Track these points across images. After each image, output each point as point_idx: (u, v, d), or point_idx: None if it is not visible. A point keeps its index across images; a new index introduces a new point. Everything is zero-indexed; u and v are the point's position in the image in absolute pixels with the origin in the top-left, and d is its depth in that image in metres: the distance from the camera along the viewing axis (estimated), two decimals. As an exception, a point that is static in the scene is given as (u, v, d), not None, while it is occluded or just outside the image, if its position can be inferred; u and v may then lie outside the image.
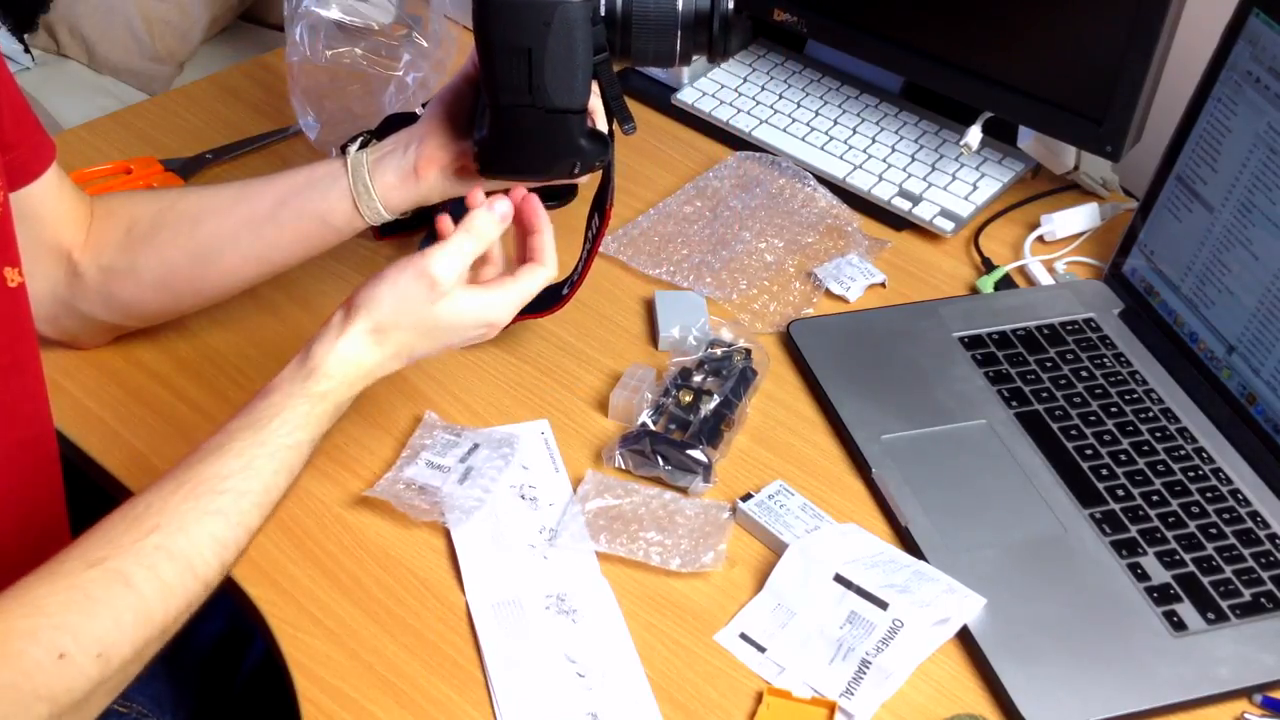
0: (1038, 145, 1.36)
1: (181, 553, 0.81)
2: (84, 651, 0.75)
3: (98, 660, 0.76)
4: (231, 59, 1.90)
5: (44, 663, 0.74)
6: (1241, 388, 1.12)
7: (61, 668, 0.75)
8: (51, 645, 0.75)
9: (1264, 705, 0.94)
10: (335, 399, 0.91)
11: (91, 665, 0.76)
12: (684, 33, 0.98)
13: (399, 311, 0.92)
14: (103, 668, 0.76)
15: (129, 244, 1.05)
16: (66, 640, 0.75)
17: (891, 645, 0.94)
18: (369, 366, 0.93)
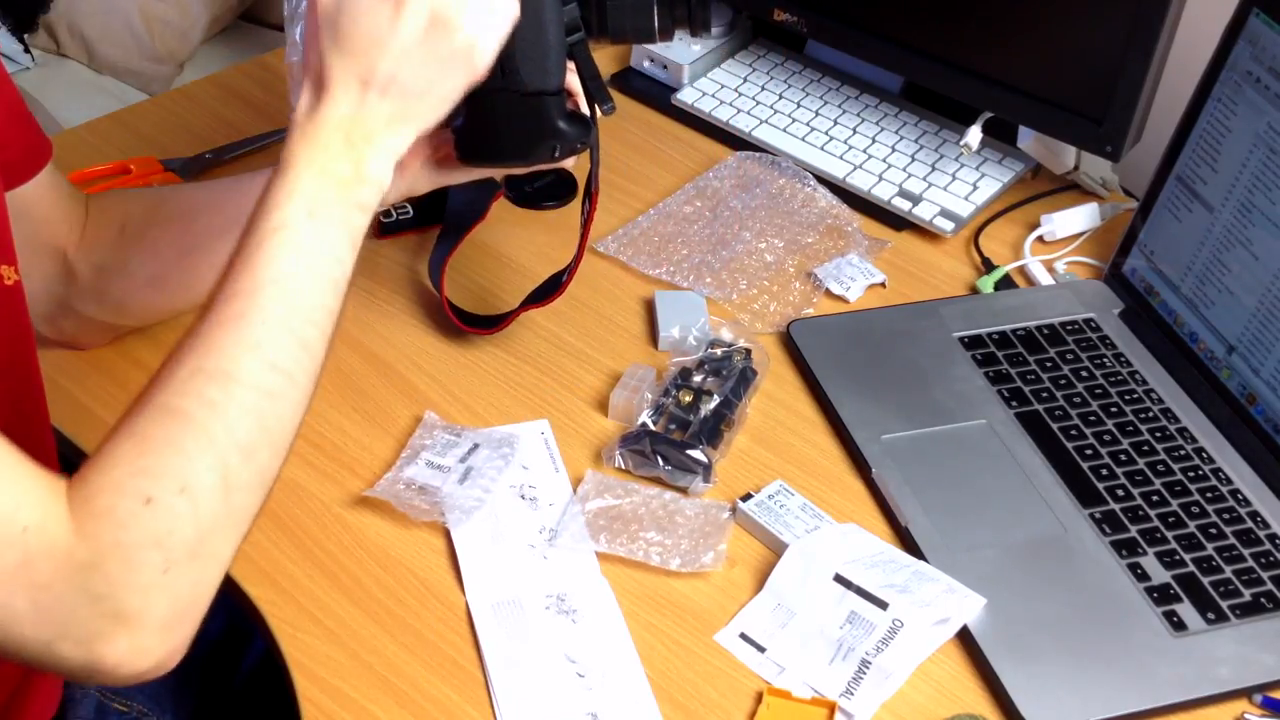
0: (1038, 145, 1.36)
1: (218, 369, 0.78)
2: (166, 490, 0.74)
3: (183, 496, 0.75)
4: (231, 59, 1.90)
5: (136, 511, 0.73)
6: (1241, 388, 1.12)
7: (154, 511, 0.74)
8: (135, 493, 0.74)
9: (1264, 705, 0.94)
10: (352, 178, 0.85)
11: (179, 502, 0.75)
12: (661, 7, 0.97)
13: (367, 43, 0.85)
14: (191, 503, 0.75)
15: (122, 242, 1.05)
16: (146, 484, 0.74)
17: (891, 645, 0.94)
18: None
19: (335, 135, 0.85)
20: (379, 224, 1.26)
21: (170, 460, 0.76)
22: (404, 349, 1.17)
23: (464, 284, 1.23)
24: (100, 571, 0.73)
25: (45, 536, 0.72)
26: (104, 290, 1.06)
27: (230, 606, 1.01)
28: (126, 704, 1.06)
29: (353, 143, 0.85)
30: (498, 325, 1.15)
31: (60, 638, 0.73)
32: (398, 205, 1.25)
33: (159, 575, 0.74)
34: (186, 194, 1.08)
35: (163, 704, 1.09)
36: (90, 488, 0.75)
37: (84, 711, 1.04)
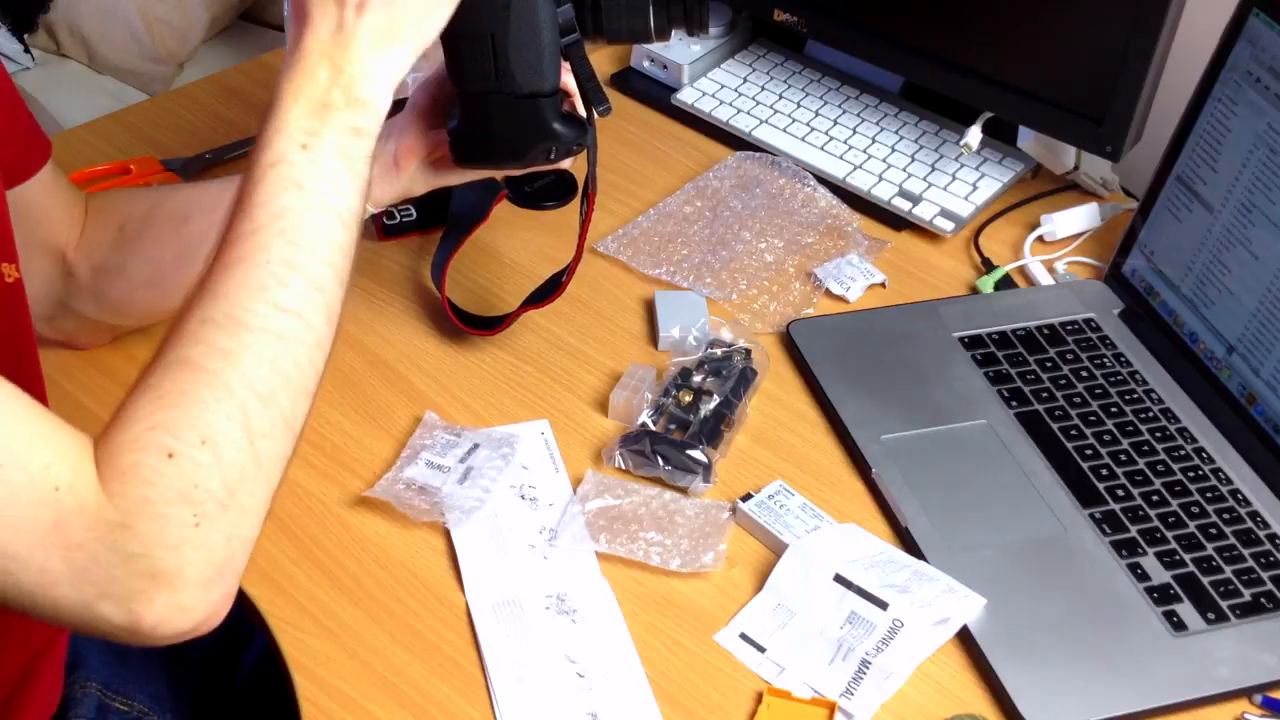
0: (1038, 145, 1.36)
1: (225, 316, 0.76)
2: (188, 443, 0.73)
3: (205, 447, 0.73)
4: (231, 59, 1.90)
5: (159, 466, 0.72)
6: (1241, 388, 1.12)
7: (177, 465, 0.72)
8: (157, 447, 0.73)
9: (1264, 705, 0.94)
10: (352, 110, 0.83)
11: (202, 453, 0.73)
12: (656, 7, 0.96)
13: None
14: (214, 453, 0.74)
15: (121, 243, 1.05)
16: (166, 438, 0.73)
17: (891, 645, 0.94)
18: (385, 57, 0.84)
19: (319, 62, 0.82)
20: (382, 225, 1.26)
21: (188, 412, 0.74)
22: (404, 349, 1.17)
23: (465, 285, 1.23)
24: (131, 530, 0.71)
25: (77, 496, 0.71)
26: (102, 290, 1.06)
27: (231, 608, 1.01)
28: (127, 703, 1.06)
29: (338, 66, 0.82)
30: (498, 327, 1.15)
31: (99, 598, 0.71)
32: (400, 207, 1.25)
33: (190, 530, 0.72)
34: (184, 194, 1.08)
35: (163, 703, 1.09)
36: (113, 445, 0.73)
37: (84, 710, 1.04)
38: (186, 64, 2.03)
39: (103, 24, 1.96)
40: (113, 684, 1.06)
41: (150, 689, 1.09)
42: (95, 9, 1.95)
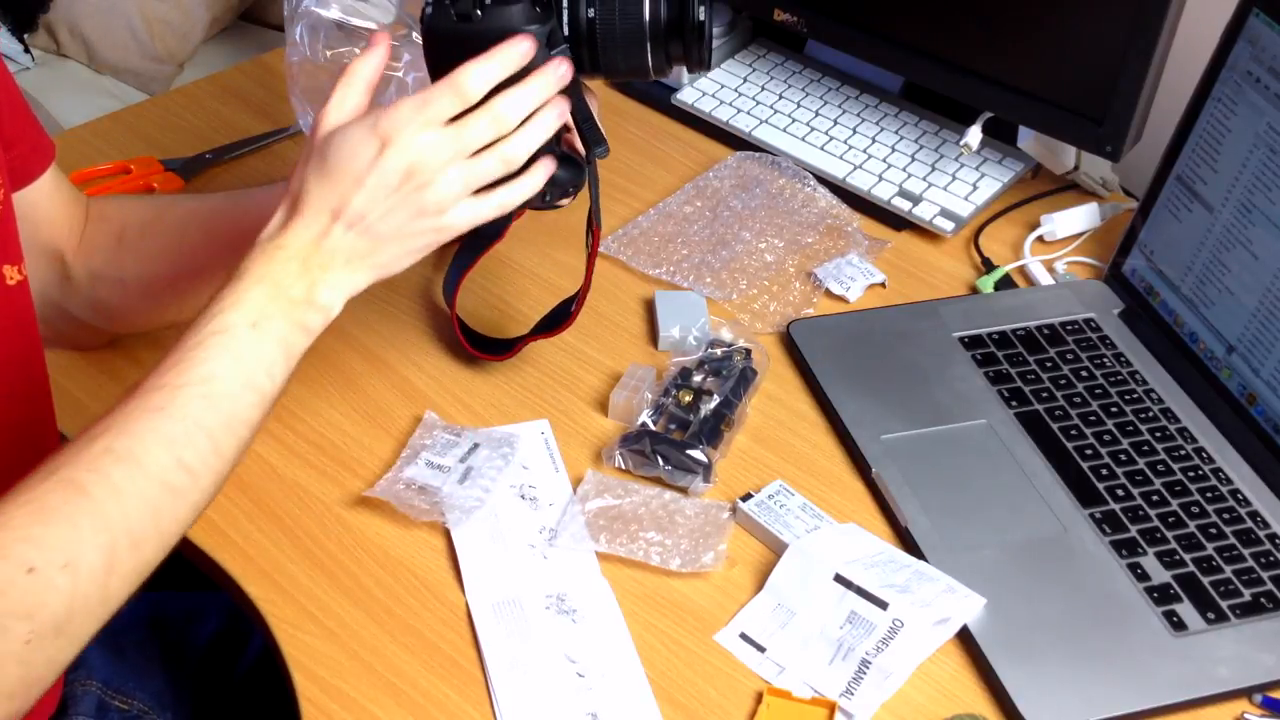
0: (1038, 145, 1.36)
1: (128, 453, 0.78)
2: (50, 563, 0.74)
3: (65, 571, 0.74)
4: (231, 59, 1.90)
5: (15, 579, 0.73)
6: (1241, 388, 1.12)
7: (32, 582, 0.73)
8: (19, 559, 0.73)
9: (1264, 705, 0.94)
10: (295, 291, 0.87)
11: (60, 576, 0.74)
12: (654, 44, 0.95)
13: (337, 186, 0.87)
14: (72, 579, 0.75)
15: (119, 251, 1.05)
16: (32, 553, 0.74)
17: (891, 645, 0.94)
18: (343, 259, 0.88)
19: (294, 258, 0.87)
20: None
21: (61, 532, 0.75)
22: (404, 349, 1.17)
23: (473, 300, 1.22)
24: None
25: None
26: (99, 297, 1.06)
27: (229, 606, 1.01)
28: (127, 701, 1.07)
29: (309, 268, 0.87)
30: (506, 353, 1.14)
31: None
32: None
33: (20, 645, 0.73)
34: (183, 207, 1.08)
35: (163, 701, 1.10)
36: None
37: (85, 708, 1.04)
38: (186, 64, 2.03)
39: (103, 24, 1.95)
40: (113, 682, 1.06)
41: (150, 687, 1.09)
42: (95, 9, 1.95)
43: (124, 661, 1.08)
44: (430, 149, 0.87)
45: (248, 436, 0.84)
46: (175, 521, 0.81)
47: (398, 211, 0.88)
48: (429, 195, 0.88)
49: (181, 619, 1.17)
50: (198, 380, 0.81)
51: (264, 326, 0.84)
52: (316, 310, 0.87)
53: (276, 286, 0.86)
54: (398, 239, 0.89)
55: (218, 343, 0.83)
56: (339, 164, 0.87)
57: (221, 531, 1.01)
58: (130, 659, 1.09)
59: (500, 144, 0.89)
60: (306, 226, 0.87)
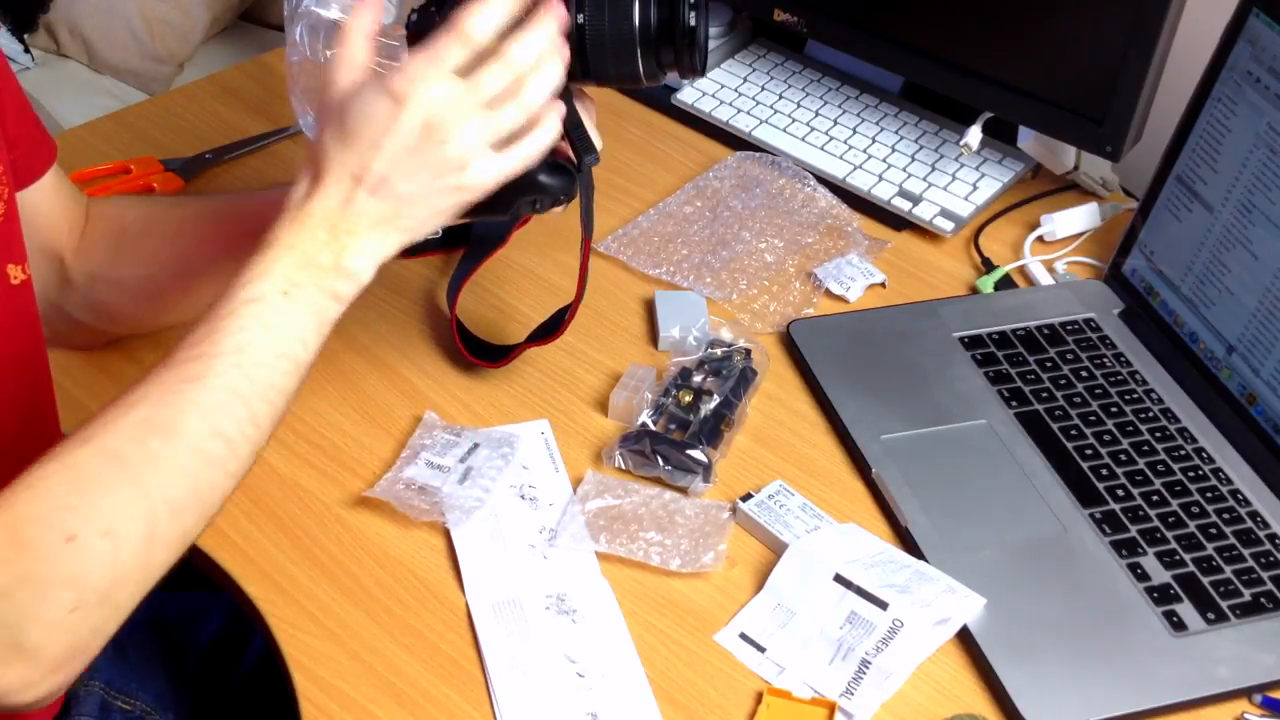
0: (1038, 145, 1.36)
1: (165, 422, 0.78)
2: (91, 531, 0.75)
3: (106, 539, 0.75)
4: (231, 59, 1.90)
5: (57, 546, 0.74)
6: (1241, 388, 1.12)
7: (73, 550, 0.74)
8: (60, 528, 0.74)
9: (1264, 705, 0.94)
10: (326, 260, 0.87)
11: (101, 544, 0.75)
12: (644, 50, 0.93)
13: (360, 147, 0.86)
14: (113, 547, 0.75)
15: (117, 253, 1.05)
16: (72, 521, 0.74)
17: (891, 645, 0.94)
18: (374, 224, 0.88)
19: (321, 225, 0.86)
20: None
21: (101, 501, 0.76)
22: (404, 349, 1.17)
23: (473, 300, 1.22)
24: (10, 600, 0.73)
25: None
26: (97, 298, 1.06)
27: (230, 606, 1.01)
28: (130, 702, 1.07)
29: (336, 234, 0.86)
30: (501, 360, 1.13)
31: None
32: None
33: (66, 614, 0.74)
34: (181, 209, 1.07)
35: (165, 702, 1.10)
36: (16, 515, 0.74)
37: (88, 709, 1.04)
38: (186, 64, 2.03)
39: (103, 24, 1.95)
40: (115, 683, 1.06)
41: (152, 688, 1.09)
42: (95, 9, 1.95)
43: (126, 662, 1.08)
44: (446, 102, 0.85)
45: (282, 405, 0.84)
46: (214, 489, 0.81)
47: (420, 171, 0.86)
48: (450, 150, 0.86)
49: (183, 620, 1.17)
50: (231, 349, 0.81)
51: (294, 294, 0.84)
52: (347, 277, 0.86)
53: (305, 254, 0.85)
54: (423, 199, 0.87)
55: (249, 311, 0.82)
56: (355, 127, 0.86)
57: (221, 532, 1.01)
58: (132, 660, 1.09)
59: (516, 90, 0.87)
60: (330, 193, 0.86)
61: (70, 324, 1.08)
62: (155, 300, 1.07)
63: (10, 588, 0.73)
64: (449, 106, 0.85)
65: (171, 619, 1.16)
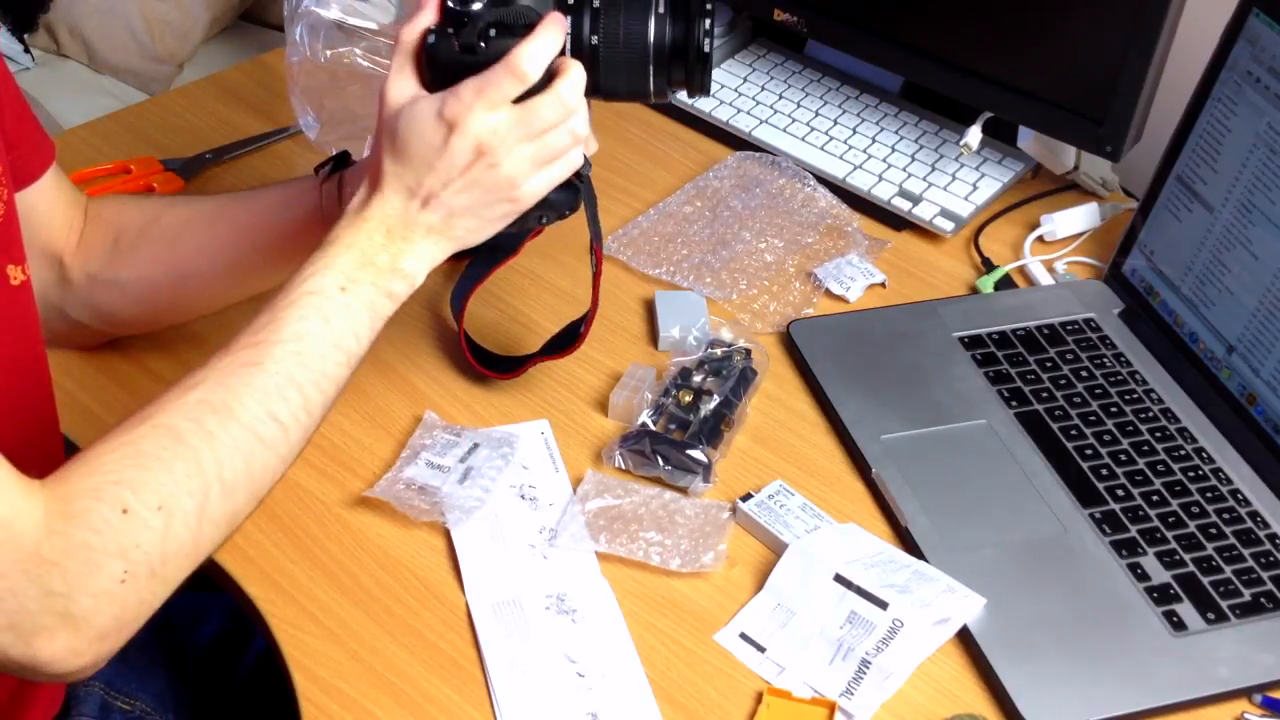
0: (1038, 145, 1.36)
1: (223, 404, 0.82)
2: (145, 505, 0.77)
3: (159, 513, 0.77)
4: (231, 59, 1.90)
5: (111, 519, 0.76)
6: (1241, 388, 1.12)
7: (127, 522, 0.76)
8: (115, 500, 0.76)
9: (1264, 705, 0.94)
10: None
11: (155, 518, 0.77)
12: (656, 68, 0.94)
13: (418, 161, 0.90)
14: (166, 521, 0.78)
15: (115, 254, 1.05)
16: (127, 495, 0.77)
17: (891, 645, 0.94)
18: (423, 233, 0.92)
19: (379, 229, 0.90)
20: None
21: (156, 476, 0.78)
22: (404, 349, 1.17)
23: (480, 305, 1.21)
24: (61, 569, 0.75)
25: (13, 529, 0.74)
26: (95, 300, 1.07)
27: (230, 606, 1.01)
28: (130, 702, 1.07)
29: (393, 239, 0.91)
30: (514, 372, 1.13)
31: (2, 627, 0.74)
32: None
33: (115, 584, 0.76)
34: (178, 210, 1.08)
35: (165, 702, 1.10)
36: (71, 488, 0.77)
37: (89, 709, 1.04)
38: (186, 64, 2.03)
39: (103, 24, 1.95)
40: (115, 683, 1.06)
41: (152, 688, 1.09)
42: (95, 9, 1.95)
43: (126, 662, 1.08)
44: (498, 131, 0.89)
45: (333, 394, 0.88)
46: (266, 471, 0.84)
47: (472, 190, 0.90)
48: (501, 173, 0.90)
49: (183, 620, 1.17)
50: (290, 338, 0.85)
51: (352, 291, 0.88)
52: (401, 278, 0.91)
53: (363, 254, 0.89)
54: (474, 213, 0.92)
55: (310, 303, 0.87)
56: (409, 146, 0.90)
57: (221, 531, 1.01)
58: (132, 660, 1.09)
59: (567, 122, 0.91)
60: (387, 201, 0.91)
61: (69, 325, 1.08)
62: (152, 302, 1.07)
63: (62, 557, 0.75)
64: (500, 135, 0.89)
65: (171, 619, 1.16)
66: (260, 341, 0.85)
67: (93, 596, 0.76)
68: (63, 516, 0.75)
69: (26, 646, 0.75)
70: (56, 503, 0.76)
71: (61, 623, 0.75)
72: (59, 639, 0.75)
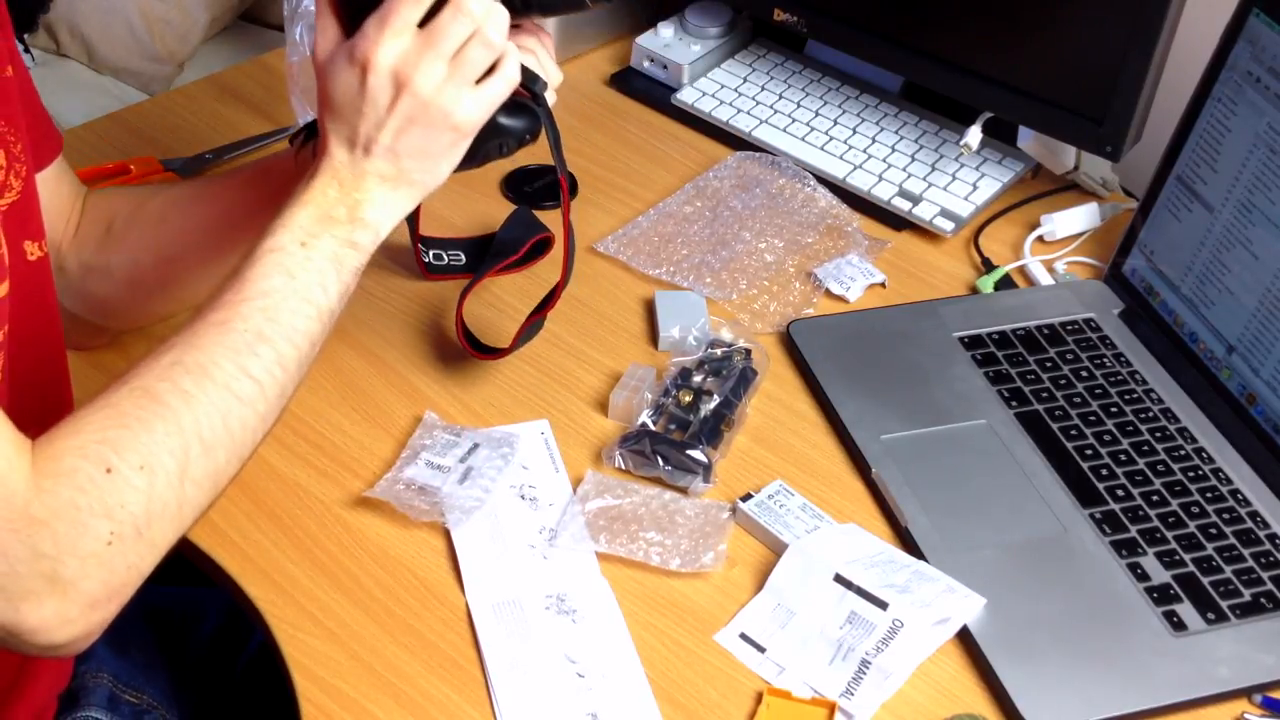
0: (1038, 145, 1.36)
1: (196, 364, 0.82)
2: (128, 464, 0.78)
3: (142, 472, 0.78)
4: (231, 59, 1.90)
5: (96, 477, 0.77)
6: (1241, 388, 1.12)
7: (111, 481, 0.77)
8: (99, 459, 0.77)
9: (1264, 705, 0.94)
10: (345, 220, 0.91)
11: (138, 477, 0.78)
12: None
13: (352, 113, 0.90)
14: (149, 480, 0.78)
15: (107, 242, 1.06)
16: (109, 454, 0.78)
17: (891, 645, 0.94)
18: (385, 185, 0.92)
19: (331, 184, 0.91)
20: (426, 265, 1.23)
21: (137, 435, 0.79)
22: (404, 349, 1.17)
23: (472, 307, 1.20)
24: (49, 529, 0.75)
25: (7, 485, 0.74)
26: (88, 289, 1.07)
27: (228, 602, 1.01)
28: (138, 695, 1.07)
29: (346, 191, 0.91)
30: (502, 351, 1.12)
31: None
32: (450, 250, 1.24)
33: (102, 545, 0.77)
34: (164, 194, 1.09)
35: (169, 698, 1.10)
36: (57, 447, 0.78)
37: (98, 699, 1.04)
38: (186, 64, 2.03)
39: (103, 24, 1.95)
40: (122, 676, 1.07)
41: (157, 682, 1.10)
42: (95, 9, 1.94)
43: (129, 658, 1.08)
44: (408, 56, 0.88)
45: (308, 349, 0.88)
46: (245, 429, 0.84)
47: (409, 127, 0.90)
48: (425, 100, 0.89)
49: (181, 616, 1.17)
50: (256, 295, 0.86)
51: (313, 245, 0.89)
52: (363, 227, 0.91)
53: (319, 209, 0.90)
54: (421, 152, 0.91)
55: (271, 260, 0.87)
56: (335, 97, 0.90)
57: (221, 531, 1.01)
58: (134, 656, 1.09)
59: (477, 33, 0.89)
60: (333, 156, 0.91)
61: (66, 318, 1.08)
62: (143, 288, 1.08)
63: (51, 517, 0.75)
64: (411, 60, 0.88)
65: (170, 616, 1.16)
66: (227, 301, 0.85)
67: (80, 559, 0.76)
68: (51, 475, 0.76)
69: (15, 612, 0.75)
70: (44, 461, 0.76)
71: (50, 587, 0.75)
72: (47, 605, 0.75)
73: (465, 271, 1.23)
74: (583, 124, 1.45)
